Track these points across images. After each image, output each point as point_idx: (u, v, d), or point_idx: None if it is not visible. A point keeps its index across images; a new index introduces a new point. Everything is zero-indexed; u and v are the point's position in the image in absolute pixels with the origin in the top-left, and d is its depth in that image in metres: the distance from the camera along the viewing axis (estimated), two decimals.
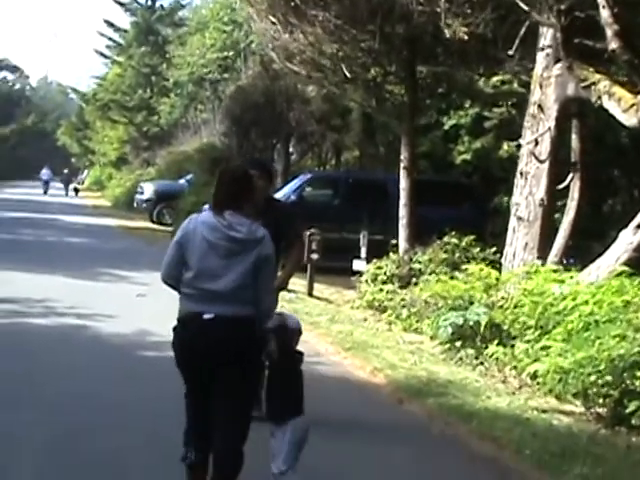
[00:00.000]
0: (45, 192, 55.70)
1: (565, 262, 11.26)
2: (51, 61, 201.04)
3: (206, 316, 4.74)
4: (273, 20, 15.81)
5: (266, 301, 4.97)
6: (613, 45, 9.85)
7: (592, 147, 13.15)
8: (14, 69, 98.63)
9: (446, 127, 21.08)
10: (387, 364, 9.43)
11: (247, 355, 4.81)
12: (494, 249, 14.14)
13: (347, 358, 9.80)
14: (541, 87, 11.90)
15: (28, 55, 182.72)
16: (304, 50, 15.83)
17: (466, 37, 12.97)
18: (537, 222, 11.78)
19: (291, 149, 28.91)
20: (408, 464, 6.34)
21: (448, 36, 13.29)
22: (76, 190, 58.39)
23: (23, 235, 22.86)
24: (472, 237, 14.84)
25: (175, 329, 4.94)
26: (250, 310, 4.81)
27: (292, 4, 15.01)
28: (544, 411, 7.82)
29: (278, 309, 6.11)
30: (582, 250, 12.78)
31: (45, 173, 59.06)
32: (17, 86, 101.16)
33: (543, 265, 10.94)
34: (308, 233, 15.04)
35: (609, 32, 9.82)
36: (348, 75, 15.92)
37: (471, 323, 9.94)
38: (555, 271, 10.18)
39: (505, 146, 19.21)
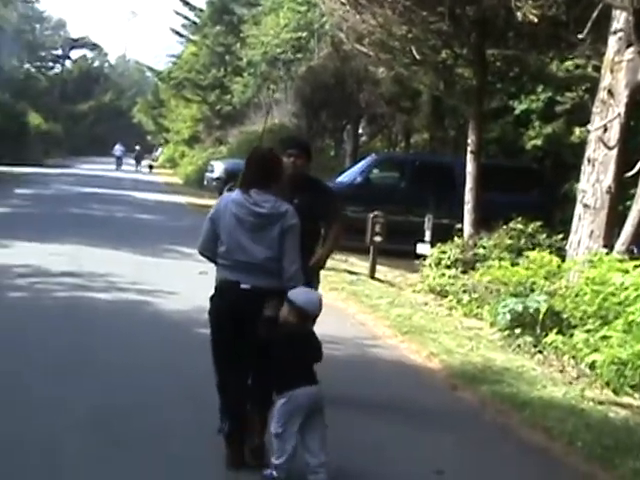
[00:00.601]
0: (117, 168, 56.53)
1: (633, 252, 11.03)
2: (129, 39, 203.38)
3: (243, 286, 5.24)
4: (342, 1, 15.72)
5: (289, 270, 5.30)
6: None
7: None
8: (93, 47, 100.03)
9: (517, 112, 20.75)
10: (443, 349, 9.37)
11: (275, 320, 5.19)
12: (561, 236, 13.91)
13: (404, 342, 9.74)
14: (612, 72, 11.62)
15: (107, 33, 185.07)
16: (373, 31, 15.71)
17: (537, 20, 12.71)
18: (603, 210, 11.53)
19: (361, 130, 28.84)
20: (456, 450, 6.30)
21: (519, 19, 13.05)
22: (150, 167, 59.19)
23: (93, 210, 23.25)
24: (539, 223, 14.63)
25: (212, 297, 5.40)
26: (278, 281, 5.26)
27: None
28: (600, 403, 7.68)
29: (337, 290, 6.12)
30: None
31: (118, 149, 60.00)
32: (96, 63, 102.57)
33: (608, 254, 10.73)
34: (371, 215, 15.04)
35: None
36: (418, 57, 15.77)
37: (531, 310, 9.81)
38: (620, 260, 9.95)
39: (577, 131, 18.85)
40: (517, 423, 7.00)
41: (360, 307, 11.75)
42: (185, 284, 11.96)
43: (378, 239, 14.87)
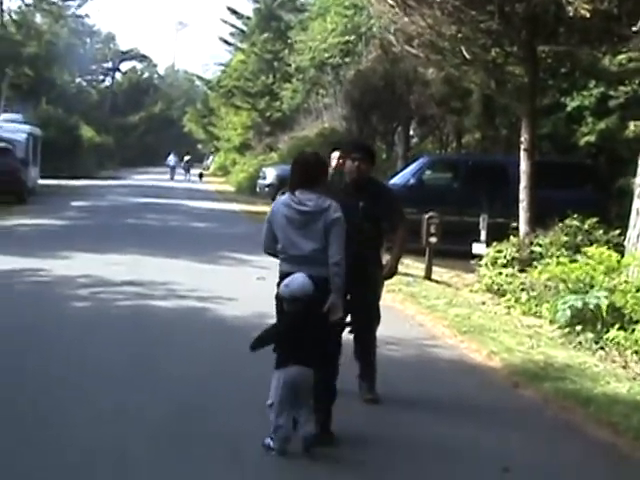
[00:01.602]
0: (172, 178, 57.11)
1: None
2: (178, 49, 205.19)
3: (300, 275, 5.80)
4: (391, 3, 15.72)
5: (335, 257, 5.83)
6: None
7: None
8: (142, 58, 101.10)
9: (569, 108, 20.60)
10: (504, 348, 9.34)
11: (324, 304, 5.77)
12: (618, 231, 13.76)
13: (463, 342, 9.73)
14: None
15: (156, 44, 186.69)
16: (422, 33, 15.67)
17: (588, 14, 12.61)
18: None
19: (412, 132, 28.81)
20: (521, 447, 6.28)
21: (570, 14, 12.96)
22: (201, 175, 59.67)
23: (148, 220, 23.54)
24: (595, 219, 14.49)
25: (278, 285, 5.96)
26: (327, 270, 5.83)
27: None
28: None
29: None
30: None
31: (172, 159, 60.68)
32: (145, 75, 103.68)
33: None
34: (426, 216, 15.03)
35: None
36: (468, 57, 15.73)
37: (591, 307, 9.75)
38: None
39: (632, 126, 18.66)
40: (581, 419, 6.97)
41: (418, 308, 11.76)
42: (243, 290, 12.08)
43: (433, 240, 14.85)
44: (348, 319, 6.98)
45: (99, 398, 6.77)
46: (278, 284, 5.97)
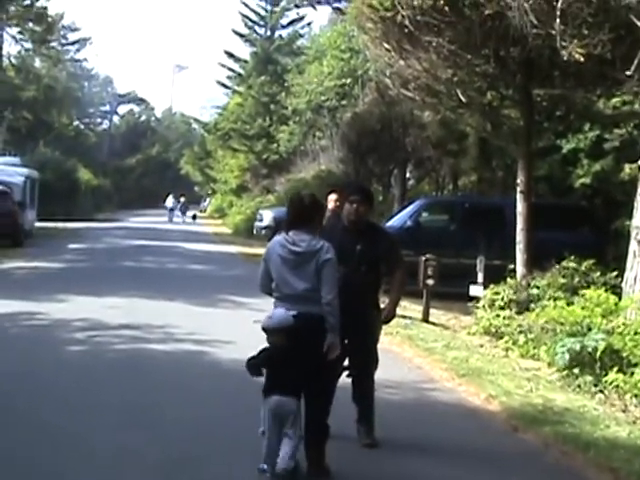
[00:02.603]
0: (170, 220, 57.23)
1: None
2: (175, 92, 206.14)
3: (290, 312, 5.98)
4: (387, 47, 15.85)
5: (327, 297, 5.95)
6: None
7: None
8: (140, 101, 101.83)
9: (564, 150, 20.72)
10: (502, 391, 9.30)
11: (318, 343, 5.91)
12: (615, 273, 13.78)
13: (461, 385, 9.68)
14: None
15: (153, 87, 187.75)
16: (419, 76, 15.80)
17: (582, 59, 12.71)
18: None
19: (408, 175, 28.91)
20: None
21: (564, 58, 13.06)
22: (194, 217, 59.91)
23: (145, 263, 23.50)
24: (592, 261, 14.51)
25: None
26: (320, 309, 5.96)
27: (406, 31, 15.02)
28: None
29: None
30: None
31: (170, 201, 60.96)
32: (143, 117, 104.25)
33: None
34: (424, 259, 15.04)
35: None
36: (463, 100, 15.84)
37: (589, 349, 9.72)
38: None
39: (627, 169, 18.73)
40: (582, 464, 6.90)
41: (416, 351, 11.72)
42: (240, 333, 11.94)
43: (431, 282, 14.86)
44: (346, 363, 6.97)
45: (94, 443, 6.71)
46: None
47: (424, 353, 11.54)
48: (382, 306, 7.21)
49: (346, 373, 7.03)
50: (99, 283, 17.35)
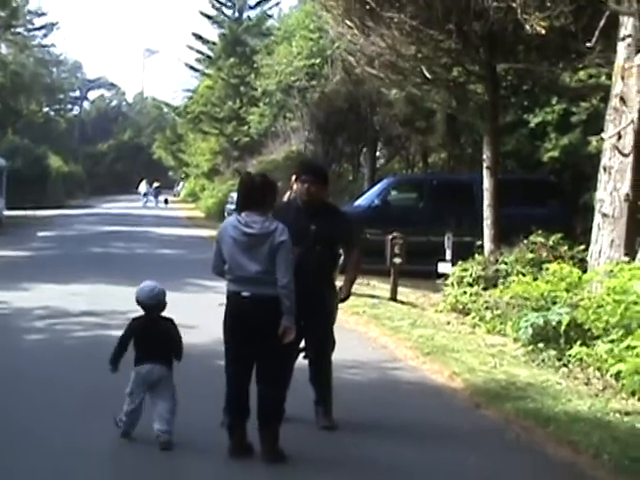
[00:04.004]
0: (144, 205, 56.98)
1: None
2: (147, 77, 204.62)
3: (244, 294, 5.98)
4: (350, 24, 15.70)
5: (282, 281, 5.86)
6: None
7: None
8: (110, 86, 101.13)
9: (532, 125, 20.64)
10: (466, 368, 9.23)
11: (272, 324, 5.86)
12: (583, 247, 13.72)
13: (426, 363, 9.61)
14: (623, 79, 11.49)
15: (124, 72, 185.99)
16: (382, 53, 15.67)
17: (544, 31, 12.62)
18: (622, 218, 11.36)
19: (378, 153, 28.79)
20: (480, 469, 6.17)
21: (527, 31, 12.96)
22: (166, 201, 59.80)
23: (114, 248, 23.33)
24: (559, 235, 14.45)
25: (225, 305, 6.16)
26: (274, 290, 5.86)
27: (367, 7, 14.89)
28: (627, 413, 7.52)
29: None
30: None
31: (143, 187, 60.77)
32: (114, 103, 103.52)
33: (630, 262, 10.56)
34: (390, 237, 14.95)
35: None
36: (429, 76, 15.72)
37: (553, 323, 9.66)
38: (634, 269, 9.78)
39: (594, 142, 18.68)
40: (542, 439, 6.84)
41: (381, 330, 11.64)
42: (205, 317, 11.83)
43: (398, 260, 14.78)
44: (302, 344, 6.87)
45: (47, 432, 6.58)
46: (226, 305, 6.17)
47: (390, 332, 11.46)
48: (339, 285, 7.10)
49: (303, 354, 6.93)
50: (65, 270, 17.15)
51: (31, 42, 73.73)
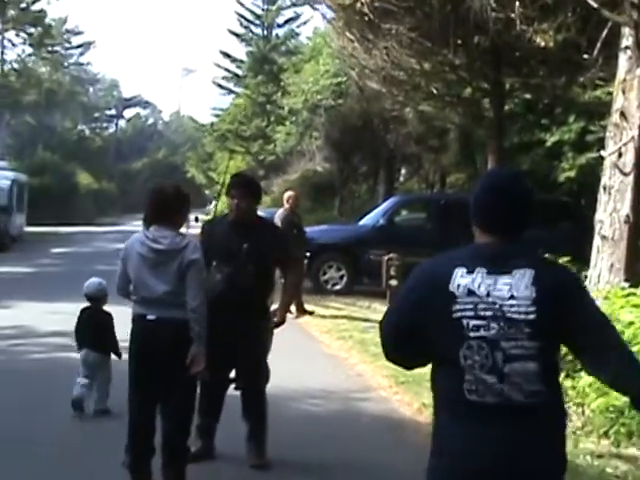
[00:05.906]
0: None
1: None
2: (184, 95, 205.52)
3: (149, 317, 5.33)
4: (350, 37, 15.24)
5: (192, 304, 5.26)
6: None
7: None
8: (146, 105, 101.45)
9: (549, 143, 19.94)
10: None
11: (180, 351, 5.22)
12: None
13: (398, 393, 8.93)
14: (624, 92, 10.82)
15: (161, 90, 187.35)
16: (383, 67, 15.22)
17: (544, 43, 12.03)
18: (623, 241, 10.67)
19: (403, 171, 28.21)
20: None
21: (527, 43, 12.41)
22: (196, 219, 59.58)
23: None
24: (567, 258, 13.72)
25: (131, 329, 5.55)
26: (183, 313, 5.24)
27: (366, 19, 14.41)
28: (599, 456, 6.80)
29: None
30: None
31: None
32: (150, 121, 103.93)
33: (631, 288, 9.84)
34: (386, 258, 14.33)
35: None
36: (434, 91, 15.22)
37: None
38: (629, 295, 9.07)
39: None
40: None
41: (362, 356, 10.94)
42: None
43: (394, 282, 14.13)
44: (232, 375, 6.29)
45: None
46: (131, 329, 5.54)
47: (370, 359, 10.73)
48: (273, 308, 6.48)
49: (233, 386, 6.33)
50: (58, 288, 16.67)
51: (68, 60, 74.53)
